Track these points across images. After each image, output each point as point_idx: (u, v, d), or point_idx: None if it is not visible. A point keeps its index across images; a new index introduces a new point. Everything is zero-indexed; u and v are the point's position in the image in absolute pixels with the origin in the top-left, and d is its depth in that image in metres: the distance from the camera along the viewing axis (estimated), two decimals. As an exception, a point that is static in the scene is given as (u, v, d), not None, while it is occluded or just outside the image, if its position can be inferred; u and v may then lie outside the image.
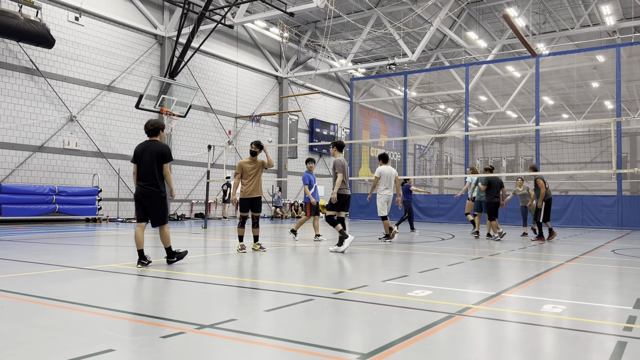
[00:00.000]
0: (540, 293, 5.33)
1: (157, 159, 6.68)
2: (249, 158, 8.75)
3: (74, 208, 17.02)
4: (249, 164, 8.67)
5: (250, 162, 8.70)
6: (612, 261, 8.31)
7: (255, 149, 8.74)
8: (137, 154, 6.74)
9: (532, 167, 12.60)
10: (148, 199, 6.68)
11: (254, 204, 8.67)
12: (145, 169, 6.66)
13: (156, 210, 6.75)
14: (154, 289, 5.30)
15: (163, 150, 6.73)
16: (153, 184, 6.66)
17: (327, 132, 30.34)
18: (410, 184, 14.98)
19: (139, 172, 6.72)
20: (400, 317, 4.11)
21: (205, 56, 22.84)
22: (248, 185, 8.64)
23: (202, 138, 22.77)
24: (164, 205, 6.82)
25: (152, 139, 6.83)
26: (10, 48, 16.20)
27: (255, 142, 8.82)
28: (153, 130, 6.81)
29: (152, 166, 6.63)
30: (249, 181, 8.63)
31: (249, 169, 8.64)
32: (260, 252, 8.58)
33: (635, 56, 26.02)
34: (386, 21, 23.50)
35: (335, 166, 9.22)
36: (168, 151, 6.79)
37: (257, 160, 8.76)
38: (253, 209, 8.71)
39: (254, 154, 8.74)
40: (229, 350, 3.20)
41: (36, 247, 9.20)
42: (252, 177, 8.65)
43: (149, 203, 6.70)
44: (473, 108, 35.93)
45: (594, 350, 3.36)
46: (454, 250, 9.83)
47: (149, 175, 6.65)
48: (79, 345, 3.17)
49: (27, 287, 5.10)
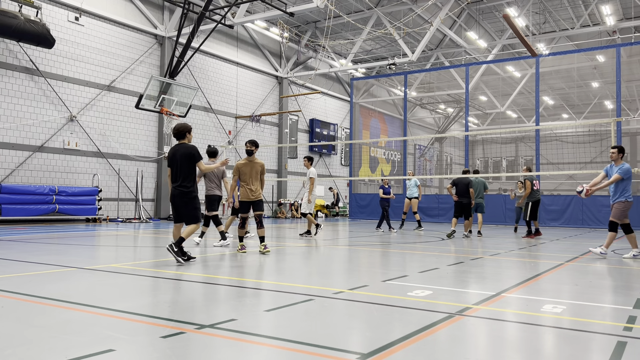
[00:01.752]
0: (540, 293, 5.33)
1: (186, 160, 7.11)
2: (246, 159, 8.53)
3: (74, 208, 17.02)
4: (245, 166, 8.47)
5: (246, 163, 8.50)
6: (612, 261, 8.31)
7: (250, 147, 8.50)
8: (169, 158, 7.26)
9: (528, 168, 13.35)
10: (178, 198, 7.13)
11: (255, 205, 8.55)
12: (176, 171, 7.15)
13: (186, 209, 7.15)
14: (154, 289, 5.30)
15: (190, 151, 7.14)
16: (183, 185, 7.10)
17: (327, 132, 30.34)
18: (387, 186, 14.90)
19: (172, 175, 7.22)
20: (400, 317, 4.11)
21: (205, 56, 22.84)
22: (247, 188, 8.43)
23: (202, 138, 22.76)
24: (194, 204, 7.19)
25: (181, 142, 7.26)
26: (10, 48, 16.21)
27: (251, 141, 8.59)
28: (178, 134, 7.24)
29: (182, 167, 7.10)
30: (248, 185, 8.43)
31: (246, 171, 8.45)
32: (260, 253, 8.52)
33: (635, 56, 26.02)
34: (386, 21, 23.50)
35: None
36: (195, 151, 7.16)
37: (255, 162, 8.53)
38: (255, 209, 8.56)
39: (249, 153, 8.51)
40: (229, 350, 3.20)
41: (36, 247, 9.20)
42: (253, 179, 8.46)
43: (180, 202, 7.14)
44: (473, 108, 35.93)
45: (594, 350, 3.36)
46: (454, 250, 9.84)
47: (178, 176, 7.12)
48: (79, 345, 3.17)
49: (27, 287, 5.10)
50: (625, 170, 8.54)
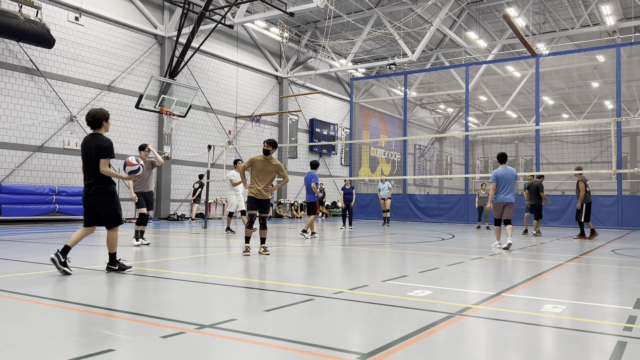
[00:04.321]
0: (540, 293, 5.32)
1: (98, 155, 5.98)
2: (262, 156, 8.44)
3: (74, 208, 17.02)
4: (260, 162, 8.39)
5: (262, 160, 8.41)
6: (612, 261, 8.31)
7: (268, 147, 8.38)
8: (81, 150, 6.19)
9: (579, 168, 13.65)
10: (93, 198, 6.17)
11: (261, 205, 8.42)
12: (88, 165, 6.10)
13: (106, 209, 6.22)
14: (154, 289, 5.30)
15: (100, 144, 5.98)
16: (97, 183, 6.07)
17: (327, 132, 30.34)
18: (348, 187, 16.79)
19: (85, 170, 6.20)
20: (400, 317, 4.11)
21: (205, 56, 22.84)
22: (258, 184, 8.37)
23: (202, 138, 22.77)
24: (114, 204, 6.26)
25: (95, 132, 6.13)
26: (10, 48, 16.20)
27: (268, 141, 8.50)
28: (94, 121, 6.09)
29: (95, 162, 6.02)
30: (261, 181, 8.37)
31: (260, 167, 8.36)
32: (260, 254, 8.50)
33: (635, 56, 26.00)
34: (386, 21, 23.50)
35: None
36: (107, 145, 6.00)
37: (272, 162, 8.42)
38: (261, 210, 8.43)
39: (266, 153, 8.38)
40: (229, 350, 3.20)
41: (36, 247, 9.20)
42: (264, 177, 8.38)
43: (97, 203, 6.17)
44: (473, 108, 35.92)
45: (594, 350, 3.36)
46: (454, 250, 9.83)
47: (92, 173, 6.08)
48: (79, 345, 3.17)
49: (27, 287, 5.10)
50: None
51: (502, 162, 10.22)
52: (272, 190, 8.54)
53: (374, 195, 25.24)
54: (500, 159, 10.23)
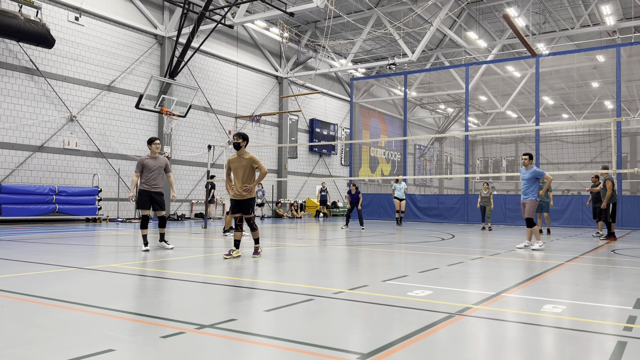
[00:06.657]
0: (540, 293, 5.32)
1: None
2: (235, 154, 8.09)
3: (74, 208, 17.02)
4: (233, 161, 8.02)
5: (235, 158, 8.00)
6: (612, 261, 8.31)
7: (237, 139, 7.94)
8: None
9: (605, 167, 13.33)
10: None
11: (242, 206, 8.00)
12: None
13: None
14: (154, 289, 5.30)
15: None
16: None
17: (327, 132, 30.34)
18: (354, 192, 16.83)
19: None
20: (400, 317, 4.11)
21: (205, 56, 22.85)
22: (237, 184, 7.98)
23: (202, 138, 22.77)
24: None
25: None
26: (10, 48, 16.20)
27: (237, 133, 8.06)
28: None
29: None
30: (239, 180, 7.95)
31: (235, 165, 7.96)
32: (261, 254, 8.38)
33: (635, 56, 26.02)
34: (386, 21, 23.50)
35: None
36: None
37: (244, 156, 7.92)
38: (243, 211, 8.03)
39: (237, 147, 7.95)
40: (229, 350, 3.20)
41: (36, 247, 9.20)
42: (241, 174, 7.91)
43: None
44: (473, 108, 35.93)
45: (594, 350, 3.36)
46: (454, 250, 9.83)
47: None
48: (79, 345, 3.17)
49: (27, 287, 5.10)
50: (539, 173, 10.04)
51: None
52: (252, 188, 8.00)
53: (374, 195, 25.25)
54: (531, 158, 10.23)
